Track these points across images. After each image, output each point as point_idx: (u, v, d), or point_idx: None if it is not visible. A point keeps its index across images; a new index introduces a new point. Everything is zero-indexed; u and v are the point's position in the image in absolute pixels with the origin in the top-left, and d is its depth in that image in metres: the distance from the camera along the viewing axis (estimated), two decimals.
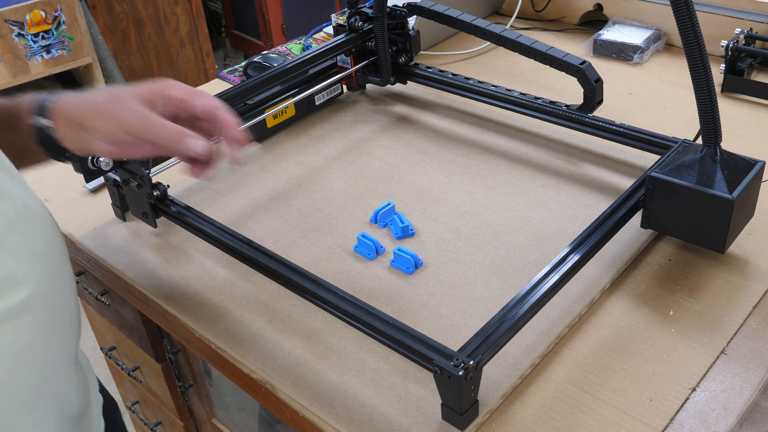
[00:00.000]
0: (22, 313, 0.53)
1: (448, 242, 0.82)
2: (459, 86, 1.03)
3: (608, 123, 0.90)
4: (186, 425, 1.07)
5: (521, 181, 0.91)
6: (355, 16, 1.07)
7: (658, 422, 0.61)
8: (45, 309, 0.55)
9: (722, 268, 0.76)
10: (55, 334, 0.58)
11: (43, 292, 0.55)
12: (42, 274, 0.55)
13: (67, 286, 0.61)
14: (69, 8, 2.31)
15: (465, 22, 1.01)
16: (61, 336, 0.59)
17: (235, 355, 0.71)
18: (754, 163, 0.74)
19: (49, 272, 0.56)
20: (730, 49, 1.05)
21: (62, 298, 0.59)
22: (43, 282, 0.55)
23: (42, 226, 0.58)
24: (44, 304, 0.55)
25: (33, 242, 0.55)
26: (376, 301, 0.75)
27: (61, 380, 0.60)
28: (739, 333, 0.69)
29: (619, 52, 1.20)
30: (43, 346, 0.56)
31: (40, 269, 0.55)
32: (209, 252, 0.84)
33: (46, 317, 0.56)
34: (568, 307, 0.72)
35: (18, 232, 0.53)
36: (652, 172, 0.75)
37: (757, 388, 0.63)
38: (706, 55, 0.69)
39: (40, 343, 0.55)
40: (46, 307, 0.56)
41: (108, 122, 0.61)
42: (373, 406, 0.64)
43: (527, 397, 0.64)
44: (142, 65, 2.83)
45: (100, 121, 0.62)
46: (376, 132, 1.05)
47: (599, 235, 0.72)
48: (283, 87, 1.03)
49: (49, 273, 0.57)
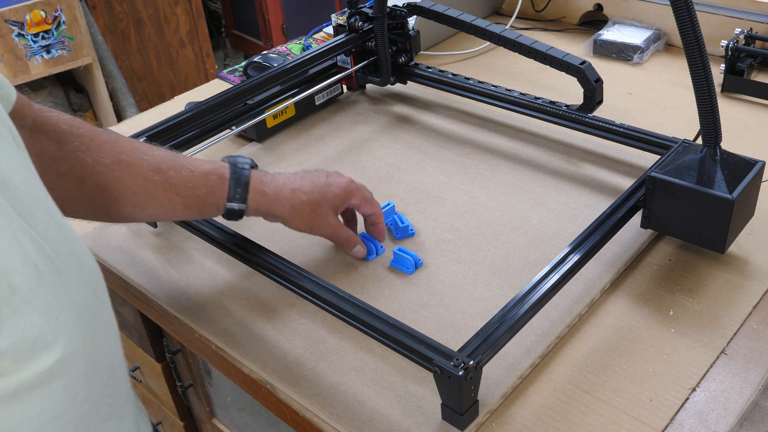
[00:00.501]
0: (51, 380, 0.47)
1: (448, 242, 0.82)
2: (459, 86, 1.03)
3: (608, 123, 0.90)
4: (186, 425, 1.07)
5: (521, 181, 0.91)
6: (355, 16, 1.07)
7: (658, 422, 0.61)
8: (80, 370, 0.50)
9: (722, 268, 0.76)
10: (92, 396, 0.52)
11: (78, 351, 0.49)
12: (76, 331, 0.49)
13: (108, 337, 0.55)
14: (69, 8, 2.31)
15: (465, 22, 1.01)
16: (100, 396, 0.54)
17: (235, 355, 0.71)
18: (754, 163, 0.74)
19: (85, 327, 0.51)
20: (730, 49, 1.05)
21: (101, 353, 0.53)
22: (78, 340, 0.49)
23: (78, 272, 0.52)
24: (78, 365, 0.49)
25: (67, 295, 0.49)
26: (376, 301, 0.75)
27: None
28: (739, 333, 0.69)
29: (619, 52, 1.20)
30: (77, 412, 0.50)
31: (73, 326, 0.49)
32: (209, 252, 0.84)
33: (82, 379, 0.50)
34: (568, 307, 0.72)
35: (48, 286, 0.47)
36: (652, 172, 0.75)
37: (757, 388, 0.63)
38: (706, 55, 0.69)
39: (73, 409, 0.50)
40: (81, 367, 0.50)
41: (302, 224, 0.76)
42: (373, 406, 0.64)
43: (527, 397, 0.64)
44: (142, 65, 2.83)
45: (296, 220, 0.75)
46: (376, 132, 1.05)
47: (599, 235, 0.72)
48: (283, 87, 1.03)
49: (85, 328, 0.51)
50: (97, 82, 2.48)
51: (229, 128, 0.98)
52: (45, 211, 0.50)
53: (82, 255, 0.54)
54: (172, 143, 0.90)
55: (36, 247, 0.47)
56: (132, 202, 0.69)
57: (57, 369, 0.48)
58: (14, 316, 0.45)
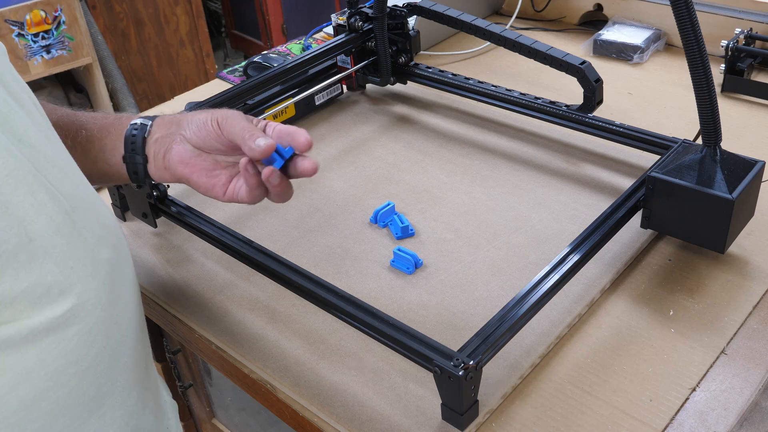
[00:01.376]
0: (66, 326, 0.49)
1: (448, 242, 0.82)
2: (459, 86, 1.03)
3: (608, 123, 0.90)
4: (186, 425, 1.07)
5: (521, 181, 0.91)
6: (355, 16, 1.07)
7: (658, 422, 0.61)
8: (95, 319, 0.52)
9: (722, 268, 0.76)
10: (109, 345, 0.54)
11: (93, 300, 0.51)
12: (92, 282, 0.52)
13: (127, 292, 0.57)
14: (69, 8, 2.31)
15: (465, 22, 1.01)
16: (118, 347, 0.55)
17: (235, 355, 0.71)
18: (754, 163, 0.74)
19: (101, 279, 0.53)
20: (730, 49, 1.05)
21: (120, 306, 0.56)
22: (93, 290, 0.52)
23: (97, 228, 0.54)
24: (95, 313, 0.52)
25: (84, 247, 0.52)
26: (376, 301, 0.75)
27: (122, 395, 0.57)
28: (738, 333, 0.69)
29: (619, 52, 1.20)
30: (93, 359, 0.52)
31: (88, 276, 0.51)
32: (209, 252, 0.84)
33: (100, 328, 0.52)
34: (568, 307, 0.72)
35: (65, 237, 0.50)
36: (652, 172, 0.75)
37: (757, 388, 0.63)
38: (706, 55, 0.69)
39: (89, 356, 0.52)
40: (98, 316, 0.52)
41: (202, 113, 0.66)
42: (373, 406, 0.64)
43: (527, 397, 0.64)
44: (142, 65, 2.83)
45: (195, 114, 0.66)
46: (376, 132, 1.05)
47: (599, 235, 0.72)
48: (283, 87, 1.03)
49: (102, 279, 0.53)
50: (97, 82, 2.48)
51: None
52: (60, 169, 0.53)
53: (101, 213, 0.57)
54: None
55: (52, 200, 0.50)
56: None
57: (71, 315, 0.50)
58: (31, 262, 0.47)
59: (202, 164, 0.65)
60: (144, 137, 0.67)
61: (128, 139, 0.67)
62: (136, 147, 0.67)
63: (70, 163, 0.56)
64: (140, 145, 0.67)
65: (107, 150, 0.68)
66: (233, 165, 0.66)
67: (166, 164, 0.66)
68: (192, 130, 0.65)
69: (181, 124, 0.66)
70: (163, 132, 0.67)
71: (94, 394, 0.54)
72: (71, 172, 0.55)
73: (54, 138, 0.56)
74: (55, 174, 0.52)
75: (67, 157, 0.56)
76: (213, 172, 0.65)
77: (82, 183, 0.56)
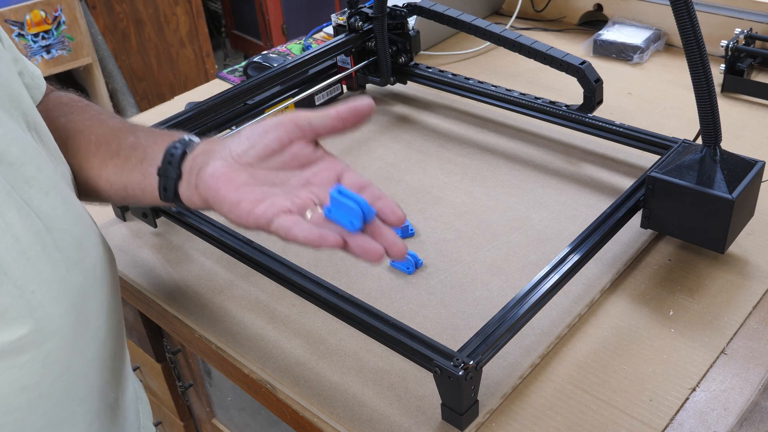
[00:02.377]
0: (19, 352, 0.47)
1: (448, 242, 0.82)
2: (459, 86, 1.03)
3: (608, 123, 0.90)
4: (186, 425, 1.07)
5: (521, 181, 0.91)
6: (355, 16, 1.07)
7: (658, 422, 0.61)
8: (52, 347, 0.50)
9: (722, 268, 0.76)
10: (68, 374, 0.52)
11: (52, 327, 0.49)
12: (55, 308, 0.49)
13: (99, 319, 0.55)
14: (69, 8, 2.31)
15: (465, 22, 1.01)
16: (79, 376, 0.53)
17: (235, 355, 0.71)
18: (753, 163, 0.74)
19: (68, 306, 0.50)
20: (730, 49, 1.05)
21: (86, 333, 0.53)
22: (55, 316, 0.49)
23: (72, 251, 0.52)
24: (52, 341, 0.49)
25: (51, 271, 0.49)
26: (376, 301, 0.75)
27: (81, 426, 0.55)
28: (738, 333, 0.69)
29: (619, 52, 1.20)
30: (47, 387, 0.50)
31: (52, 301, 0.49)
32: (209, 252, 0.84)
33: (54, 356, 0.50)
34: (568, 307, 0.72)
35: (30, 259, 0.48)
36: (652, 172, 0.75)
37: (757, 388, 0.63)
38: (706, 55, 0.69)
39: (42, 384, 0.50)
40: (55, 344, 0.50)
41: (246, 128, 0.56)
42: (373, 406, 0.64)
43: (527, 397, 0.64)
44: (142, 65, 2.83)
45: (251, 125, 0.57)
46: (376, 132, 1.05)
47: (599, 235, 0.72)
48: (283, 87, 1.03)
49: (67, 306, 0.50)
50: (97, 82, 2.49)
51: (229, 128, 0.98)
52: (40, 189, 0.50)
53: (83, 234, 0.54)
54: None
55: (22, 220, 0.47)
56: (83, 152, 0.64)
57: (27, 342, 0.48)
58: None
59: (236, 177, 0.53)
60: (185, 151, 0.58)
61: (168, 151, 0.59)
62: (173, 160, 0.58)
63: (56, 182, 0.53)
64: (178, 158, 0.58)
65: (147, 159, 0.61)
66: (272, 186, 0.54)
67: (198, 182, 0.55)
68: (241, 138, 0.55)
69: (228, 140, 0.56)
70: (204, 148, 0.58)
71: (46, 423, 0.52)
72: (55, 191, 0.52)
73: (40, 156, 0.53)
74: (32, 194, 0.49)
75: (53, 175, 0.53)
76: (245, 187, 0.53)
77: (65, 203, 0.53)
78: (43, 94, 0.67)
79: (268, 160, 0.54)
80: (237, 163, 0.54)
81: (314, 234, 0.48)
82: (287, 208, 0.50)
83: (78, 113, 0.67)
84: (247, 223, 0.51)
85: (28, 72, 0.65)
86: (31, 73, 0.66)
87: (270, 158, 0.54)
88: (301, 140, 0.54)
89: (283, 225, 0.49)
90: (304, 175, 0.54)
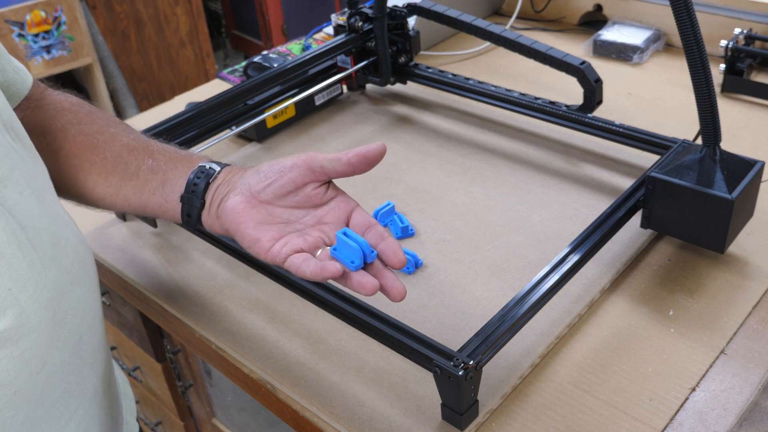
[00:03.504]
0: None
1: (448, 242, 0.82)
2: (459, 86, 1.03)
3: (608, 123, 0.90)
4: (186, 425, 1.07)
5: (521, 181, 0.91)
6: (355, 17, 1.07)
7: (658, 422, 0.61)
8: (29, 343, 0.50)
9: (722, 268, 0.76)
10: (45, 371, 0.53)
11: (29, 324, 0.50)
12: (32, 305, 0.50)
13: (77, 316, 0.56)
14: (69, 8, 2.31)
15: (465, 22, 1.01)
16: (56, 373, 0.54)
17: (235, 355, 0.71)
18: (753, 163, 0.74)
19: (44, 302, 0.51)
20: (730, 49, 1.05)
21: (65, 330, 0.54)
22: (32, 313, 0.50)
23: (48, 249, 0.53)
24: (29, 337, 0.50)
25: (27, 268, 0.50)
26: (376, 301, 0.75)
27: (59, 422, 0.55)
28: (738, 333, 0.69)
29: (619, 52, 1.20)
30: (23, 384, 0.51)
31: (28, 299, 0.50)
32: (209, 252, 0.84)
33: (31, 352, 0.51)
34: (568, 307, 0.72)
35: (5, 258, 0.49)
36: (652, 172, 0.75)
37: (757, 388, 0.63)
38: (705, 55, 0.69)
39: (18, 381, 0.50)
40: (32, 341, 0.51)
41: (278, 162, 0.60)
42: (373, 406, 0.64)
43: (527, 397, 0.64)
44: (142, 65, 2.83)
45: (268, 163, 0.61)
46: (376, 132, 1.05)
47: (599, 235, 0.72)
48: (283, 87, 1.04)
49: (44, 303, 0.51)
50: (98, 83, 2.49)
51: (229, 128, 0.98)
52: (15, 188, 0.52)
53: (59, 232, 0.55)
54: (172, 143, 0.90)
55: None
56: (99, 168, 0.66)
57: (3, 339, 0.48)
58: None
59: (254, 214, 0.59)
60: (208, 182, 0.63)
61: (192, 181, 0.63)
62: (197, 190, 0.63)
63: (31, 181, 0.54)
64: (202, 189, 0.63)
65: (168, 184, 0.65)
66: (287, 223, 0.59)
67: (219, 213, 0.61)
68: (261, 176, 0.60)
69: (248, 173, 0.61)
70: (225, 178, 0.63)
71: (23, 420, 0.52)
72: (29, 190, 0.53)
73: (15, 155, 0.54)
74: (6, 193, 0.50)
75: (28, 175, 0.54)
76: (262, 225, 0.59)
77: (41, 202, 0.54)
78: (30, 88, 0.67)
79: (283, 199, 0.60)
80: (255, 200, 0.60)
81: (318, 268, 0.55)
82: (300, 248, 0.57)
83: (87, 124, 0.68)
84: (265, 258, 0.58)
85: (11, 67, 0.65)
86: (15, 68, 0.66)
87: (285, 197, 0.60)
88: (314, 182, 0.60)
89: (294, 263, 0.56)
90: (317, 213, 0.60)
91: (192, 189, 0.63)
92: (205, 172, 0.63)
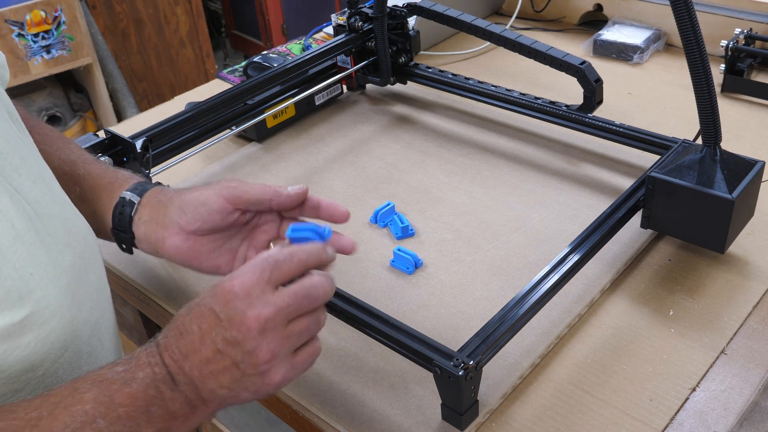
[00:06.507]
0: (23, 332, 0.49)
1: (448, 242, 0.82)
2: (459, 86, 1.03)
3: (608, 123, 0.90)
4: None
5: (521, 181, 0.91)
6: (355, 16, 1.07)
7: (658, 422, 0.61)
8: (52, 326, 0.52)
9: (722, 268, 0.76)
10: (67, 354, 0.54)
11: (52, 308, 0.51)
12: (52, 289, 0.51)
13: (93, 299, 0.57)
14: (69, 8, 2.31)
15: (465, 22, 1.01)
16: (77, 355, 0.55)
17: None
18: (753, 163, 0.74)
19: (63, 287, 0.53)
20: (730, 49, 1.05)
21: (83, 314, 0.55)
22: (53, 297, 0.51)
23: (62, 235, 0.54)
24: (52, 321, 0.51)
25: (47, 254, 0.52)
26: (376, 301, 0.75)
27: None
28: (738, 333, 0.69)
29: (619, 52, 1.20)
30: (49, 366, 0.52)
31: (49, 283, 0.51)
32: None
33: (55, 335, 0.52)
34: (568, 307, 0.72)
35: (25, 243, 0.50)
36: (652, 172, 0.75)
37: (757, 388, 0.63)
38: (706, 55, 0.69)
39: (45, 363, 0.52)
40: (55, 324, 0.52)
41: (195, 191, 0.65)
42: (373, 406, 0.64)
43: (527, 397, 0.64)
44: (142, 65, 2.83)
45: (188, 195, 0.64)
46: (376, 132, 1.05)
47: (599, 235, 0.72)
48: (283, 87, 1.03)
49: (64, 288, 0.53)
50: (98, 82, 2.48)
51: (229, 128, 0.98)
52: (28, 176, 0.53)
53: (70, 220, 0.57)
54: (172, 143, 0.90)
55: (15, 206, 0.50)
56: None
57: (29, 322, 0.50)
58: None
59: (199, 249, 0.64)
60: (131, 216, 0.66)
61: (115, 215, 0.67)
62: (123, 225, 0.67)
63: (40, 170, 0.56)
64: (127, 222, 0.66)
65: (97, 216, 0.68)
66: (231, 238, 0.64)
67: (162, 254, 0.65)
68: (188, 217, 0.63)
69: (170, 211, 0.64)
70: (151, 215, 0.65)
71: None
72: (40, 179, 0.55)
73: (23, 146, 0.56)
74: (21, 182, 0.52)
75: (36, 164, 0.56)
76: (213, 254, 0.64)
77: (51, 190, 0.56)
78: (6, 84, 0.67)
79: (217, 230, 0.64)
80: (192, 235, 0.63)
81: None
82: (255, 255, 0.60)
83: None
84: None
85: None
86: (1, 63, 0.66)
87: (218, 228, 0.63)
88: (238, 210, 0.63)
89: None
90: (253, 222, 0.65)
91: (118, 223, 0.67)
92: (126, 205, 0.67)
